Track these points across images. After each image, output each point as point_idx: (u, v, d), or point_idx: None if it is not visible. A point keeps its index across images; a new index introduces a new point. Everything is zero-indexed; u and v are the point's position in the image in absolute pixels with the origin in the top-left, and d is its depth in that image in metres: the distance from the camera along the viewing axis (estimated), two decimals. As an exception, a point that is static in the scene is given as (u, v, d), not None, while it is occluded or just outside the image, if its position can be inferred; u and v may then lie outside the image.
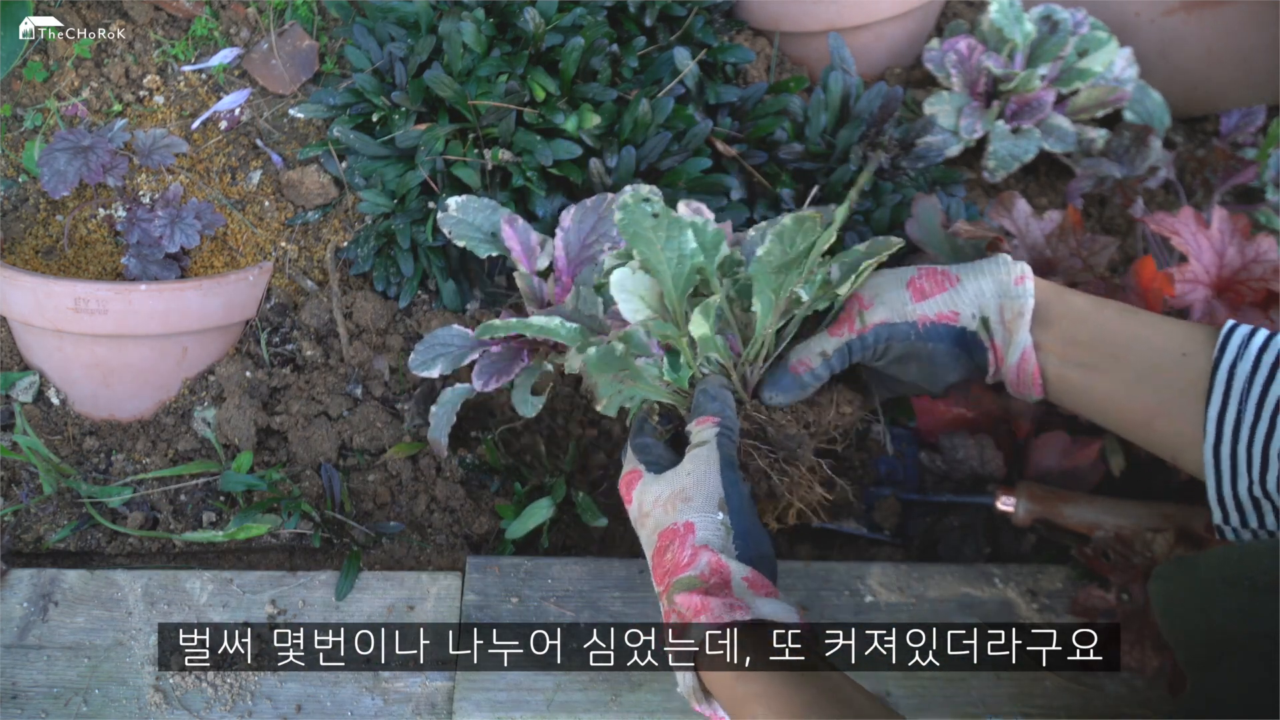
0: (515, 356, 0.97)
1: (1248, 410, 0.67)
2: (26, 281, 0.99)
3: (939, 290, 0.79)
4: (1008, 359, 0.77)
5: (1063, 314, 0.76)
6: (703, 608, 0.67)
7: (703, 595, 0.67)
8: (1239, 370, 0.68)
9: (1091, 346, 0.75)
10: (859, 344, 0.80)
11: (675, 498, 0.73)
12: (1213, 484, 0.69)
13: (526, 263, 0.98)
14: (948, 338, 0.78)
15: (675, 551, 0.71)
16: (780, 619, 0.67)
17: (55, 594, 0.93)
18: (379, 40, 1.13)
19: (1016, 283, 0.76)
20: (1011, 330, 0.76)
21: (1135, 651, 0.85)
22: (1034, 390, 0.77)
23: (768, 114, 1.15)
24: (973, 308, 0.78)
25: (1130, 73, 1.23)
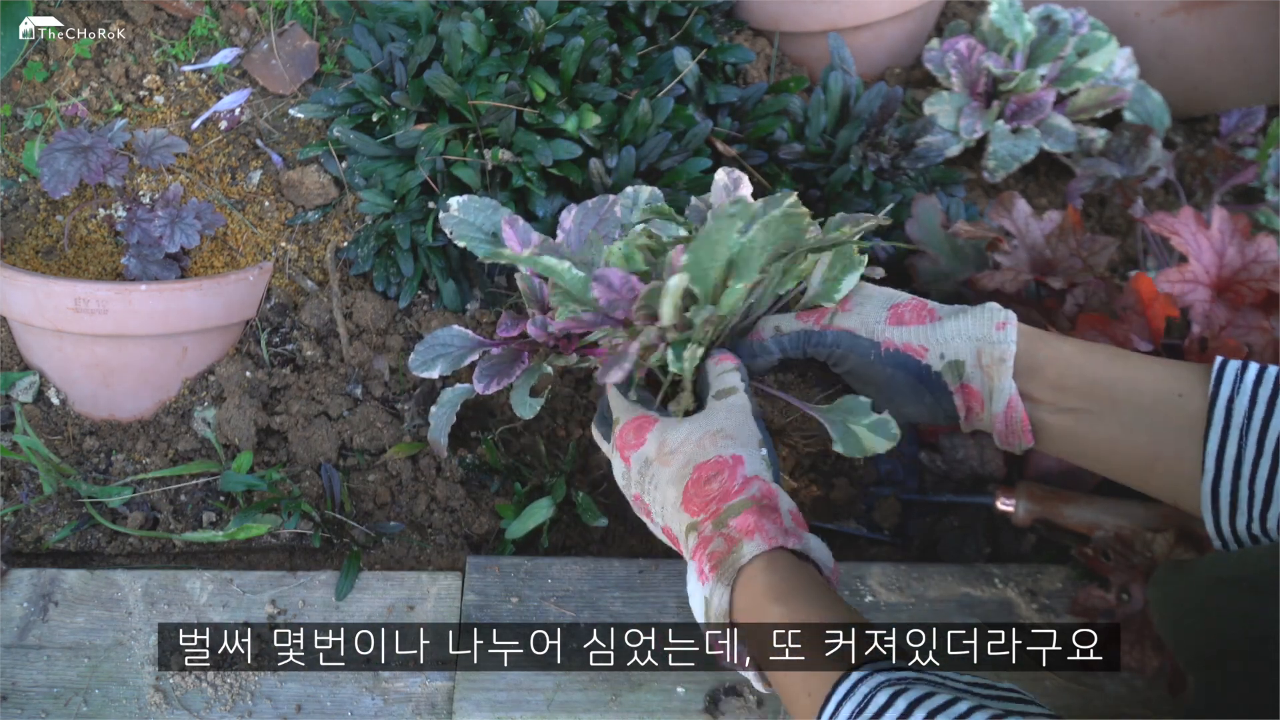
0: (515, 358, 0.97)
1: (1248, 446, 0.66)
2: (26, 281, 0.99)
3: (916, 322, 0.77)
4: (991, 407, 0.75)
5: (1049, 360, 0.74)
6: (757, 527, 0.67)
7: (757, 515, 0.67)
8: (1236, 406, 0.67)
9: (1082, 393, 0.73)
10: (817, 338, 0.79)
11: (715, 435, 0.73)
12: (1210, 520, 0.68)
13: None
14: (908, 369, 0.76)
15: (725, 481, 0.70)
16: (821, 560, 0.68)
17: (55, 594, 0.93)
18: (379, 40, 1.13)
19: (998, 328, 0.74)
20: (992, 377, 0.74)
21: (1135, 651, 0.85)
22: (1024, 439, 0.75)
23: (768, 114, 1.15)
24: (944, 348, 0.76)
25: (1130, 73, 1.23)
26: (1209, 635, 0.65)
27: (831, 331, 0.78)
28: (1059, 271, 0.96)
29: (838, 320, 0.79)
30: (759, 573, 0.65)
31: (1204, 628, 0.65)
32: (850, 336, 0.78)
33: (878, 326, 0.77)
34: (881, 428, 0.76)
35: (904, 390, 0.77)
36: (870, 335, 0.77)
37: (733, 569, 0.66)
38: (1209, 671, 0.65)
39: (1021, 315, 0.97)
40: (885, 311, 0.78)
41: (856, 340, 0.77)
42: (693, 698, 0.87)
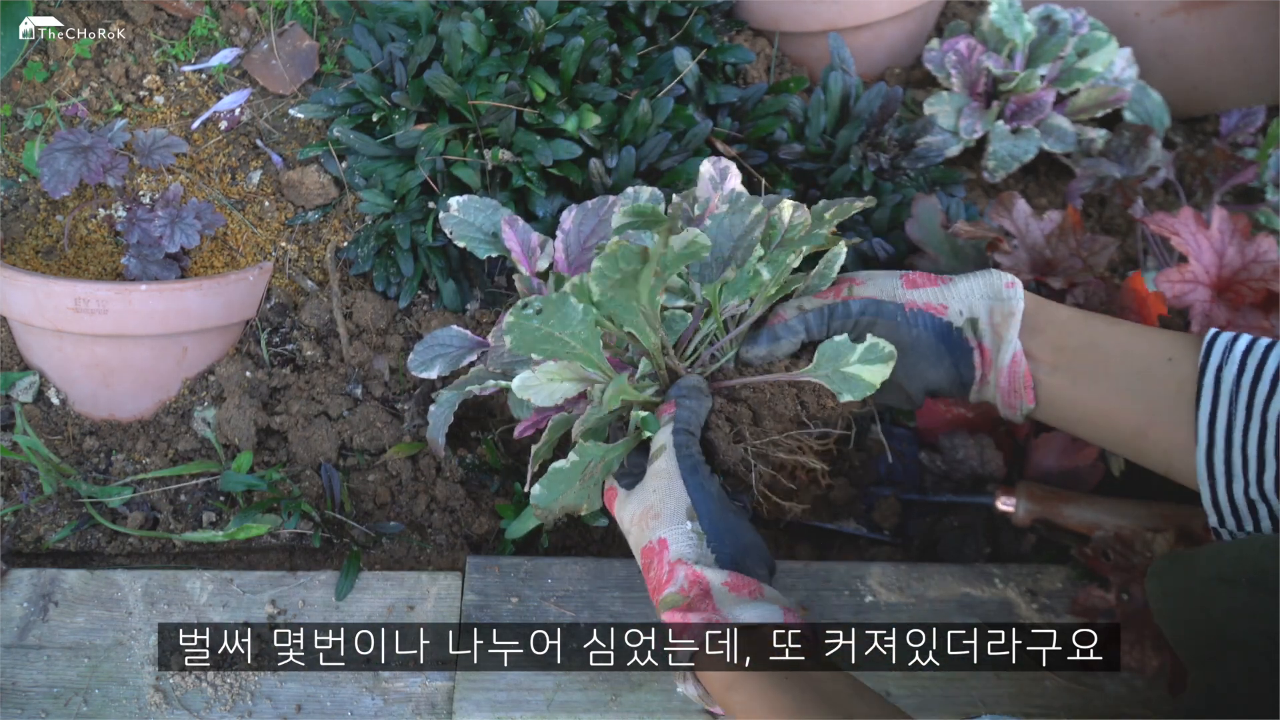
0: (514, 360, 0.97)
1: (1238, 412, 0.67)
2: (26, 281, 0.99)
3: (930, 285, 0.80)
4: (998, 360, 0.77)
5: (1049, 322, 0.77)
6: (684, 627, 0.68)
7: (683, 612, 0.68)
8: (1225, 374, 0.68)
9: (1079, 354, 0.75)
10: (842, 309, 0.80)
11: (646, 515, 0.74)
12: (1207, 490, 0.69)
13: (526, 264, 0.98)
14: (932, 328, 0.79)
15: (656, 569, 0.72)
16: (764, 621, 0.67)
17: (55, 594, 0.93)
18: (379, 40, 1.13)
19: (1007, 286, 0.77)
20: (1001, 332, 0.77)
21: (1135, 651, 0.85)
22: (1026, 397, 0.77)
23: (768, 114, 1.15)
24: (961, 305, 0.78)
25: (1130, 73, 1.23)
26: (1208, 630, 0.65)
27: (856, 301, 0.80)
28: (1059, 271, 0.96)
29: (856, 291, 0.81)
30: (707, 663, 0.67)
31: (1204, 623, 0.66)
32: (875, 303, 0.80)
33: (896, 291, 0.80)
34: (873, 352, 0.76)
35: (928, 351, 0.79)
36: (893, 299, 0.80)
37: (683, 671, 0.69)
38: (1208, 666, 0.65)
39: None
40: (899, 279, 0.81)
41: (882, 305, 0.79)
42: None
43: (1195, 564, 0.68)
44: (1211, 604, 0.65)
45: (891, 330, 0.79)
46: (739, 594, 0.68)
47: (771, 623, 0.67)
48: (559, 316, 0.69)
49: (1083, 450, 0.96)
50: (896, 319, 0.79)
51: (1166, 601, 0.70)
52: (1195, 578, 0.67)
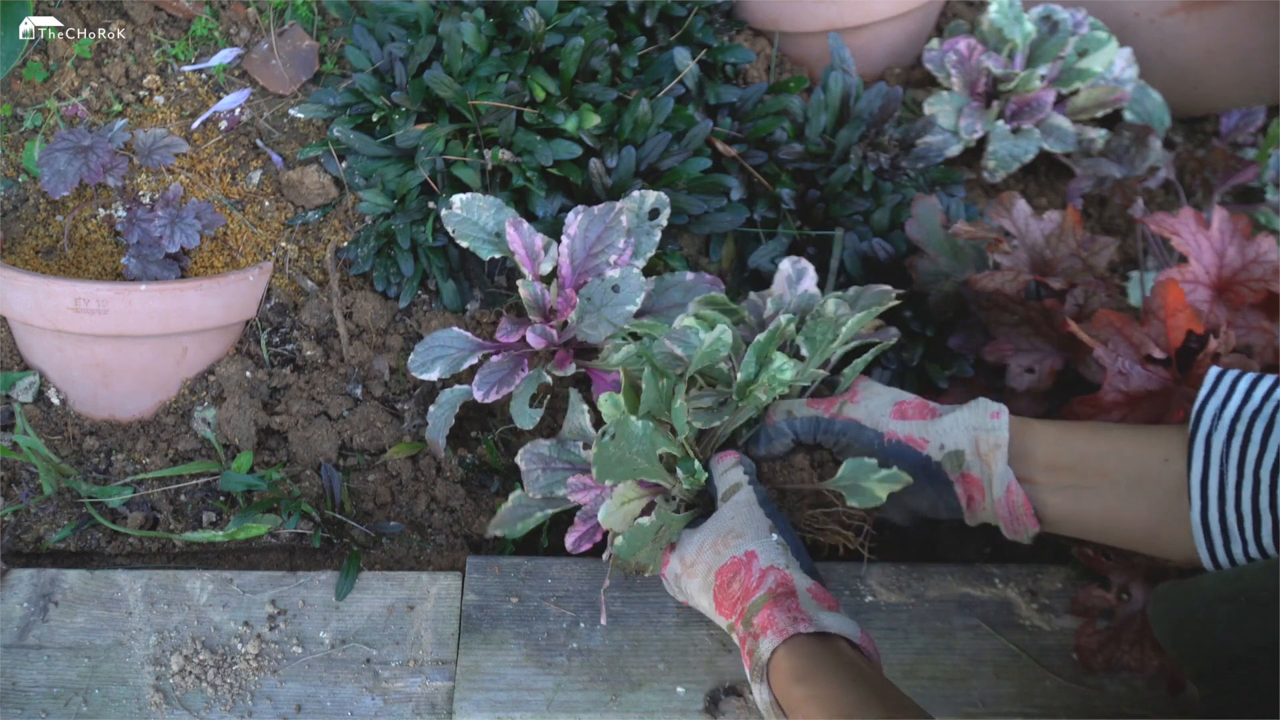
0: (516, 365, 0.97)
1: (1230, 470, 0.68)
2: (26, 281, 0.99)
3: (918, 418, 0.81)
4: (992, 493, 0.78)
5: (1037, 443, 0.77)
6: (769, 623, 0.70)
7: (769, 609, 0.71)
8: (1215, 438, 0.69)
9: (1073, 470, 0.76)
10: (826, 425, 0.83)
11: (726, 538, 0.78)
12: (1205, 552, 0.70)
13: (530, 266, 0.98)
14: (910, 461, 0.80)
15: (743, 579, 0.75)
16: (843, 632, 0.70)
17: (55, 594, 0.93)
18: (379, 40, 1.13)
19: (991, 417, 0.78)
20: (990, 463, 0.77)
21: (1135, 651, 0.85)
22: (1028, 522, 0.77)
23: (768, 114, 1.15)
24: (943, 439, 0.80)
25: (1130, 73, 1.23)
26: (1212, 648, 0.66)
27: (840, 420, 0.83)
28: (1059, 272, 0.96)
29: (846, 410, 0.84)
30: (781, 661, 0.69)
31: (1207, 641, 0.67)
32: (857, 426, 0.82)
33: (882, 419, 0.82)
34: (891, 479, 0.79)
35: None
36: (875, 426, 0.82)
37: (761, 667, 0.70)
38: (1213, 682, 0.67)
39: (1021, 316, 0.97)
40: (890, 407, 0.83)
41: (862, 430, 0.82)
42: (693, 698, 0.87)
43: (1196, 587, 0.69)
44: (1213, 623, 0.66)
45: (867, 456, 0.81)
46: (820, 603, 0.72)
47: (848, 635, 0.70)
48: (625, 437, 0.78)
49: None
50: (874, 446, 0.82)
51: (1170, 624, 0.71)
52: (1197, 599, 0.68)
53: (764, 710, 0.71)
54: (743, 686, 0.88)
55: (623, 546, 0.81)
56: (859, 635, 0.71)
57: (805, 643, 0.69)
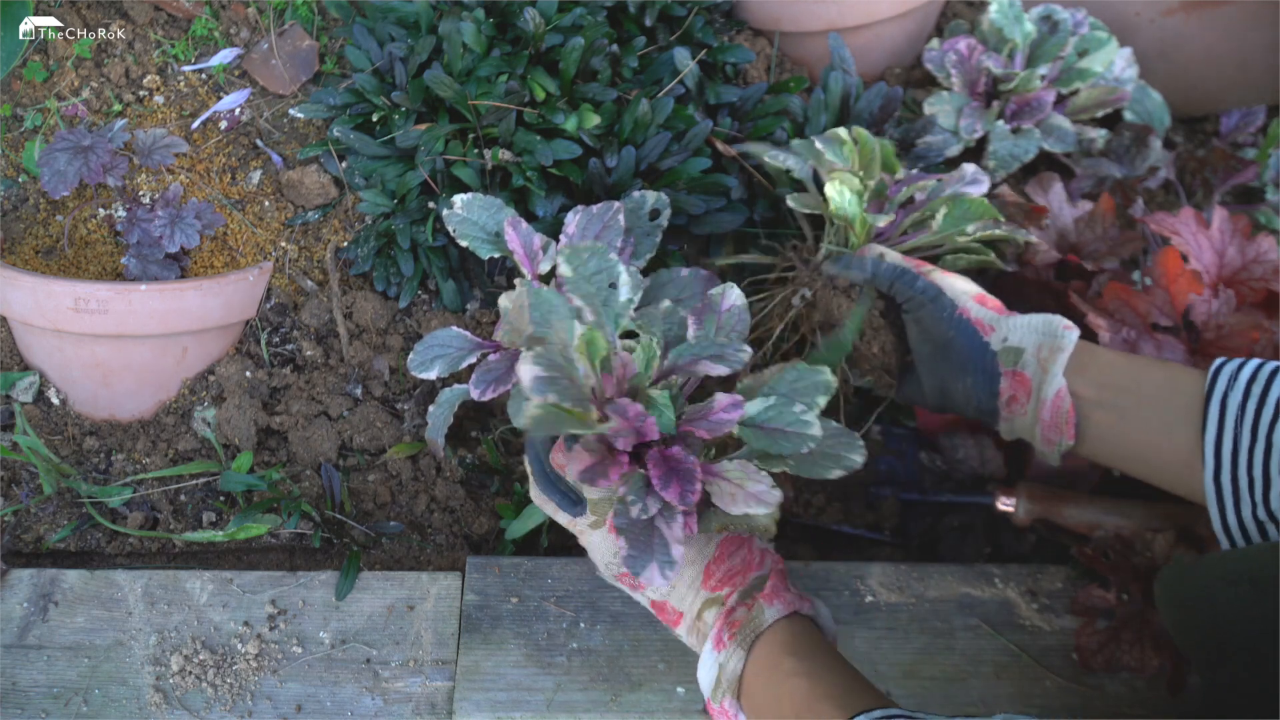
0: (513, 363, 0.97)
1: (1244, 433, 0.69)
2: (26, 281, 0.99)
3: (995, 310, 0.83)
4: (1041, 392, 0.78)
5: (1094, 361, 0.78)
6: (777, 595, 0.73)
7: (774, 581, 0.74)
8: (1230, 400, 0.70)
9: (1124, 390, 0.76)
10: (910, 278, 0.84)
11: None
12: (1216, 512, 0.70)
13: (528, 266, 0.98)
14: (970, 340, 0.82)
15: (745, 555, 0.76)
16: (826, 625, 0.75)
17: (55, 594, 0.93)
18: (379, 40, 1.13)
19: (1064, 328, 0.79)
20: (1046, 366, 0.78)
21: (1135, 651, 0.85)
22: (1066, 433, 0.78)
23: (768, 114, 1.15)
24: (1008, 333, 0.81)
25: (1130, 73, 1.23)
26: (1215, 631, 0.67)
27: (924, 280, 0.84)
28: (1086, 255, 0.99)
29: (934, 276, 0.85)
30: (777, 635, 0.71)
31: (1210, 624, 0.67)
32: (937, 290, 0.84)
33: (963, 295, 0.84)
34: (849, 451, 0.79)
35: (956, 359, 0.82)
36: (954, 298, 0.83)
37: (752, 633, 0.71)
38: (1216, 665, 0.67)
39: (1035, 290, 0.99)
40: (976, 290, 0.85)
41: (941, 295, 0.83)
42: (693, 698, 0.87)
43: (1200, 569, 0.70)
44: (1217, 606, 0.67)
45: (934, 321, 0.83)
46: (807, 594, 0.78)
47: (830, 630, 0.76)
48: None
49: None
50: (944, 313, 0.83)
51: (1174, 606, 0.72)
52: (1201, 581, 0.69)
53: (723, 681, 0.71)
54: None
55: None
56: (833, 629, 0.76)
57: (801, 621, 0.73)
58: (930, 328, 0.83)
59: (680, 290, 1.02)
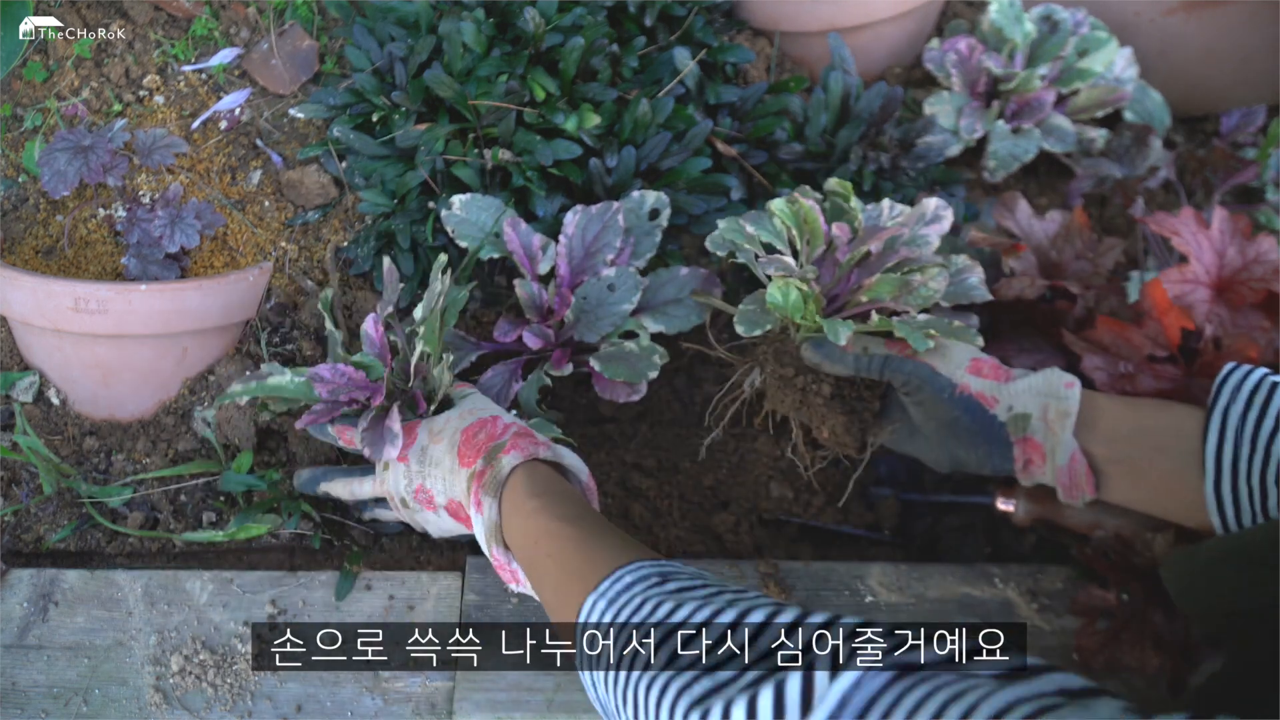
0: (512, 377, 0.97)
1: (1244, 443, 0.70)
2: (26, 281, 0.99)
3: (993, 378, 0.82)
4: (1055, 459, 0.79)
5: (1100, 414, 0.79)
6: (514, 445, 0.78)
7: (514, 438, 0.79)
8: (1232, 411, 0.72)
9: (1133, 440, 0.77)
10: (897, 364, 0.84)
11: (472, 411, 0.85)
12: (1217, 519, 0.72)
13: (528, 266, 0.98)
14: (975, 415, 0.82)
15: (489, 430, 0.82)
16: (575, 468, 0.80)
17: (55, 594, 0.93)
18: (379, 40, 1.13)
19: (1065, 386, 0.79)
20: (1056, 430, 0.79)
21: (1135, 651, 0.85)
22: (1086, 490, 0.79)
23: (768, 114, 1.15)
24: (1013, 401, 0.81)
25: (1130, 73, 1.23)
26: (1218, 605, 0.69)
27: (913, 362, 0.84)
28: (1069, 275, 0.97)
29: (922, 356, 0.84)
30: (518, 480, 0.76)
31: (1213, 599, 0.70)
32: (931, 371, 0.83)
33: (958, 370, 0.83)
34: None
35: (964, 434, 0.82)
36: (949, 375, 0.83)
37: (497, 484, 0.76)
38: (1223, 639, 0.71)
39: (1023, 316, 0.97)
40: (967, 360, 0.84)
41: (935, 376, 0.83)
42: (693, 698, 0.87)
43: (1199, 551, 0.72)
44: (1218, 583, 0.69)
45: (935, 403, 0.83)
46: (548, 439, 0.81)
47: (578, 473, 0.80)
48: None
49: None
50: (944, 394, 0.82)
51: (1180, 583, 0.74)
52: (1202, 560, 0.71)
53: (486, 531, 0.76)
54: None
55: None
56: (586, 477, 0.80)
57: (543, 468, 0.78)
58: (932, 408, 0.83)
59: (680, 290, 1.02)
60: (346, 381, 0.89)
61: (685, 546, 0.99)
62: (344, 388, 0.89)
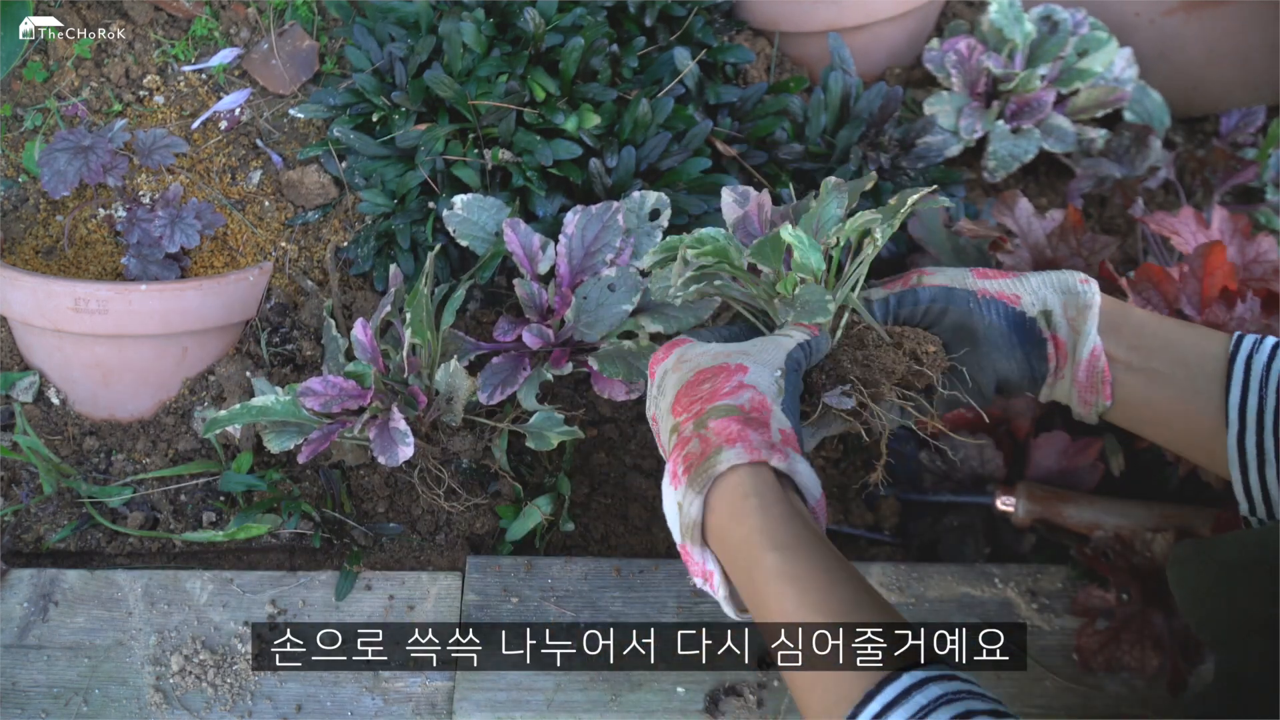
0: (517, 366, 0.97)
1: (1269, 396, 0.67)
2: (26, 281, 0.99)
3: (1001, 276, 0.77)
4: (1077, 354, 0.75)
5: (1125, 321, 0.75)
6: (739, 436, 0.63)
7: (741, 423, 0.64)
8: (1255, 361, 0.69)
9: (1156, 353, 0.74)
10: (910, 297, 0.77)
11: (734, 351, 0.71)
12: (1238, 474, 0.69)
13: (528, 266, 0.98)
14: (1006, 316, 0.76)
15: (716, 383, 0.68)
16: (809, 489, 0.65)
17: (55, 594, 0.93)
18: (379, 40, 1.13)
19: (1081, 282, 0.75)
20: (1077, 326, 0.74)
21: (1135, 651, 0.85)
22: (1103, 393, 0.75)
23: (768, 114, 1.15)
24: (1034, 296, 0.76)
25: (1130, 73, 1.23)
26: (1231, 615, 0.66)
27: (925, 289, 0.77)
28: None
29: (924, 280, 0.77)
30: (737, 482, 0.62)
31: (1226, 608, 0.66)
32: (945, 290, 0.76)
33: (967, 279, 0.77)
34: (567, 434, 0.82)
35: (1000, 341, 0.76)
36: (964, 287, 0.76)
37: (707, 476, 0.63)
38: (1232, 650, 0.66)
39: None
40: (969, 270, 0.78)
41: (952, 293, 0.76)
42: (693, 698, 0.87)
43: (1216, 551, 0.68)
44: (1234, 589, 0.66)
45: (964, 317, 0.76)
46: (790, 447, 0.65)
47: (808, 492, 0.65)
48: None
49: (1083, 450, 0.96)
50: (969, 305, 0.76)
51: (1189, 589, 0.71)
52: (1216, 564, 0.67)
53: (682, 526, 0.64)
54: (743, 686, 0.88)
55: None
56: (819, 497, 0.65)
57: (769, 481, 0.63)
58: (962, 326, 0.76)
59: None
60: (339, 393, 0.88)
61: (685, 546, 1.00)
62: (336, 399, 0.88)
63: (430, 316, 0.89)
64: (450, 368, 0.90)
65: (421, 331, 0.88)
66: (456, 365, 0.90)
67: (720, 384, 0.67)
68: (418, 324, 0.87)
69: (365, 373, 0.88)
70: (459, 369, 0.90)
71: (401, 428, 0.84)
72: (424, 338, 0.88)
